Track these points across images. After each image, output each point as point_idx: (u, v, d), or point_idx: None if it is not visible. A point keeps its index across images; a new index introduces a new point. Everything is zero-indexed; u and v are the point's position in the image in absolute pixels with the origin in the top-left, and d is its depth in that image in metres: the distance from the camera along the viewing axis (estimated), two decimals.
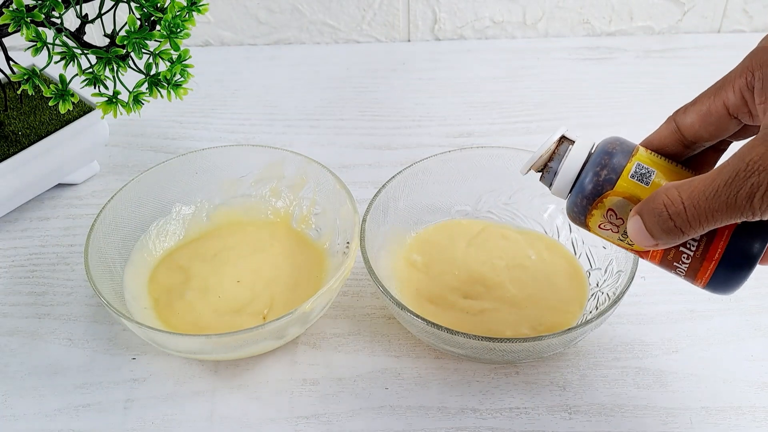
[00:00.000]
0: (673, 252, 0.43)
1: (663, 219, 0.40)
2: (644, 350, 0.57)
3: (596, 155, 0.44)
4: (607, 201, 0.43)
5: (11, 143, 0.65)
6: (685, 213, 0.40)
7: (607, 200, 0.43)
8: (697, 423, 0.53)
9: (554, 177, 0.45)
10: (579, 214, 0.45)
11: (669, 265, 0.44)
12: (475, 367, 0.56)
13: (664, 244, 0.41)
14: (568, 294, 0.59)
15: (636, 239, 0.42)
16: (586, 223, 0.45)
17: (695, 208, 0.39)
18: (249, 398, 0.55)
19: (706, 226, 0.40)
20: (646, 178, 0.43)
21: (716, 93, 0.43)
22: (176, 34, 0.57)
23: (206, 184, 0.65)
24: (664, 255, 0.44)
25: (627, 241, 0.44)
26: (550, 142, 0.46)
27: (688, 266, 0.43)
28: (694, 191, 0.39)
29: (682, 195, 0.40)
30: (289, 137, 0.78)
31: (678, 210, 0.40)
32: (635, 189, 0.43)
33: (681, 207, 0.40)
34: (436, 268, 0.61)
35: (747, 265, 0.42)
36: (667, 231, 0.40)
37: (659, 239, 0.41)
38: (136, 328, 0.52)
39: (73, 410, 0.54)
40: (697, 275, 0.43)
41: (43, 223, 0.68)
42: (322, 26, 0.91)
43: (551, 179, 0.46)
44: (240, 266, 0.61)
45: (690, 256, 0.43)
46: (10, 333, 0.59)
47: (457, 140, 0.77)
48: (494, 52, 0.90)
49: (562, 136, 0.46)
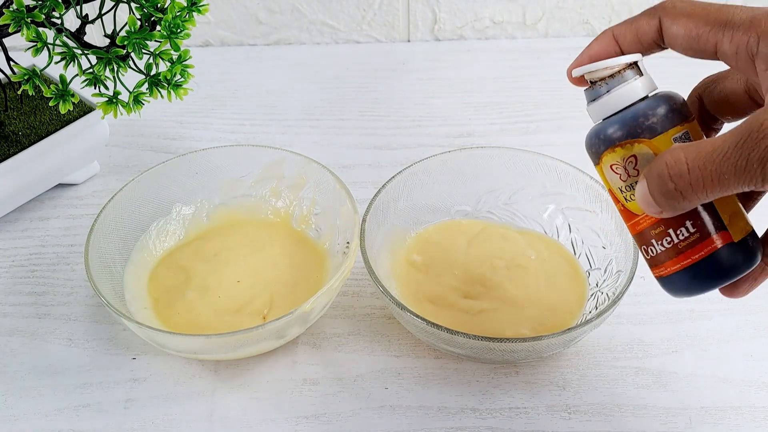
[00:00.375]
0: (660, 230, 0.41)
1: (663, 180, 0.38)
2: (644, 350, 0.57)
3: (656, 100, 0.41)
4: (637, 147, 0.41)
5: (11, 143, 0.65)
6: (688, 175, 0.37)
7: (637, 146, 0.41)
8: (697, 423, 0.53)
9: (603, 95, 0.42)
10: (602, 143, 0.42)
11: (644, 240, 0.42)
12: (475, 367, 0.56)
13: (668, 212, 0.39)
14: (568, 294, 0.59)
15: (641, 203, 0.39)
16: (601, 156, 0.42)
17: (700, 169, 0.36)
18: (249, 398, 0.55)
19: (710, 193, 0.37)
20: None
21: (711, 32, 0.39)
22: (176, 35, 0.57)
23: (206, 184, 0.65)
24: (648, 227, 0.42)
25: (626, 196, 0.42)
26: (622, 62, 0.42)
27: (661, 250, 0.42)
28: (700, 152, 0.37)
29: (687, 156, 0.37)
30: (289, 137, 0.78)
31: (680, 171, 0.37)
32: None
33: (684, 168, 0.37)
34: (436, 268, 0.61)
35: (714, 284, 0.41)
36: (665, 193, 0.38)
37: (662, 206, 0.39)
38: (136, 328, 0.52)
39: (73, 410, 0.54)
40: (664, 264, 0.42)
41: (43, 223, 0.68)
42: (322, 26, 0.91)
43: (598, 95, 0.42)
44: (240, 266, 0.61)
45: (671, 242, 0.41)
46: (10, 333, 0.59)
47: (457, 140, 0.77)
48: (494, 52, 0.90)
49: (634, 63, 0.42)
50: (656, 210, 0.39)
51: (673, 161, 0.37)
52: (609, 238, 0.59)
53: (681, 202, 0.38)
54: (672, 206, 0.38)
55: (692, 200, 0.38)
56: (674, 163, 0.37)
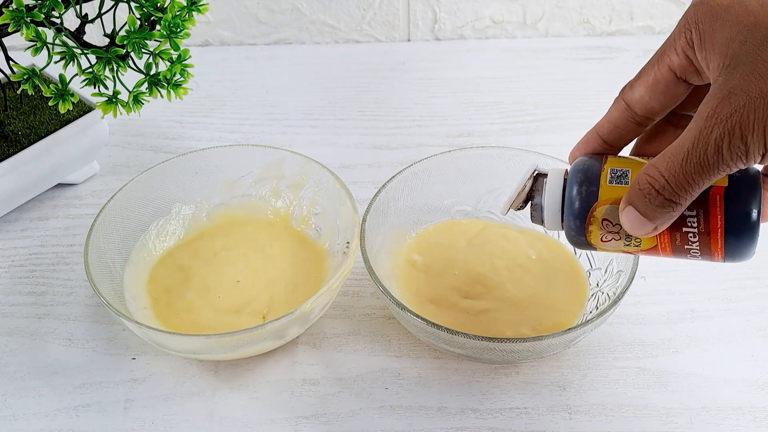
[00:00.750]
0: (679, 236, 0.43)
1: (652, 196, 0.40)
2: (644, 350, 0.57)
3: (571, 177, 0.45)
4: (598, 212, 0.44)
5: (11, 143, 0.65)
6: (668, 184, 0.40)
7: (597, 212, 0.44)
8: (697, 423, 0.53)
9: (543, 212, 0.47)
10: (578, 236, 0.46)
11: (682, 251, 0.44)
12: (475, 367, 0.56)
13: (662, 223, 0.41)
14: (568, 294, 0.59)
15: (634, 230, 0.42)
16: (589, 242, 0.46)
17: (675, 176, 0.39)
18: (249, 398, 0.55)
19: (692, 191, 0.40)
20: (624, 178, 0.44)
21: (659, 60, 0.43)
22: (176, 34, 0.57)
23: (206, 184, 0.65)
24: (671, 242, 0.44)
25: (633, 244, 0.45)
26: (525, 180, 0.48)
27: (698, 244, 0.43)
28: (669, 161, 0.39)
29: (660, 168, 0.40)
30: (289, 137, 0.78)
31: (662, 183, 0.40)
32: (618, 192, 0.44)
33: (663, 180, 0.40)
34: (436, 268, 0.61)
35: (751, 223, 0.42)
36: (660, 206, 0.40)
37: (656, 220, 0.41)
38: (136, 328, 0.52)
39: (73, 410, 0.54)
40: (712, 250, 0.43)
41: (43, 223, 0.68)
42: (322, 26, 0.91)
43: (541, 215, 0.47)
44: (240, 266, 0.61)
45: (696, 234, 0.43)
46: (10, 333, 0.59)
47: (457, 140, 0.77)
48: (494, 52, 0.90)
49: (536, 172, 0.48)
50: (650, 227, 0.42)
51: (652, 178, 0.40)
52: None
53: (674, 209, 0.40)
54: (668, 215, 0.41)
55: (681, 202, 0.40)
56: (654, 179, 0.40)
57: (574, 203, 0.45)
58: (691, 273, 0.63)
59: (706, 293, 0.62)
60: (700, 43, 0.40)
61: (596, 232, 0.45)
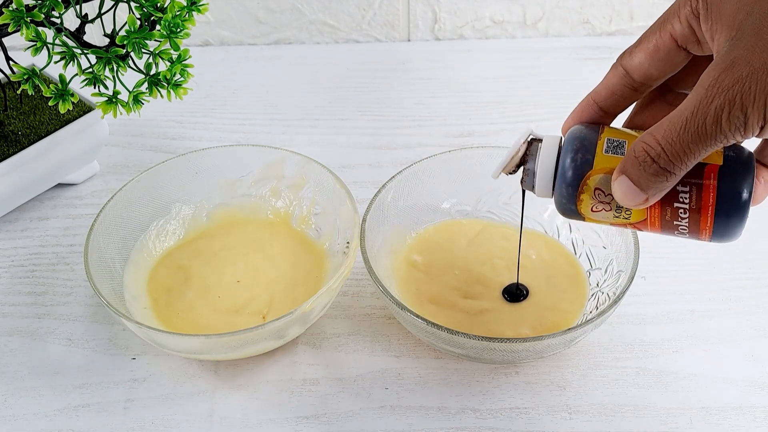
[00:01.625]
0: (669, 211, 0.43)
1: (647, 164, 0.40)
2: (644, 350, 0.57)
3: (567, 144, 0.45)
4: (591, 181, 0.44)
5: (11, 143, 0.65)
6: (664, 152, 0.39)
7: (590, 181, 0.44)
8: (697, 423, 0.53)
9: (534, 177, 0.47)
10: (569, 204, 0.45)
11: (670, 227, 0.44)
12: (475, 367, 0.56)
13: (654, 194, 0.41)
14: (568, 294, 0.59)
15: (626, 199, 0.42)
16: (579, 211, 0.45)
17: (671, 144, 0.39)
18: (249, 398, 0.55)
19: (688, 161, 0.39)
20: (620, 149, 0.44)
21: (662, 27, 0.43)
22: (176, 34, 0.57)
23: (206, 184, 0.65)
24: (661, 217, 0.44)
25: (623, 215, 0.45)
26: (519, 144, 0.47)
27: (688, 220, 0.43)
28: (666, 130, 0.39)
29: (657, 136, 0.40)
30: (289, 137, 0.78)
31: (658, 151, 0.40)
32: (613, 162, 0.43)
33: (659, 148, 0.40)
34: (436, 268, 0.61)
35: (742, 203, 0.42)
36: (654, 174, 0.40)
37: (648, 190, 0.41)
38: (136, 328, 0.52)
39: (73, 410, 0.54)
40: (701, 228, 0.43)
41: (43, 223, 0.68)
42: (322, 26, 0.91)
43: (532, 181, 0.47)
44: (240, 266, 0.61)
45: (686, 210, 0.43)
46: (10, 333, 0.59)
47: (457, 140, 0.77)
48: (494, 52, 0.90)
49: (530, 137, 0.47)
50: (642, 197, 0.41)
51: (648, 146, 0.40)
52: (609, 238, 0.59)
53: (668, 178, 0.40)
54: (660, 185, 0.41)
55: (675, 173, 0.40)
56: (650, 147, 0.40)
57: (568, 170, 0.44)
58: (691, 273, 0.63)
59: (706, 293, 0.62)
60: (706, 13, 0.40)
61: (587, 202, 0.45)
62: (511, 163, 0.48)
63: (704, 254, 0.65)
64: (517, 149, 0.47)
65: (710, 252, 0.65)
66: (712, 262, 0.64)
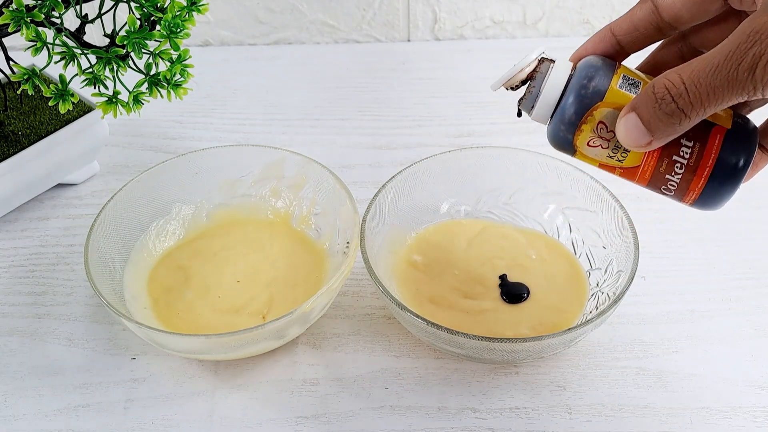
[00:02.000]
0: (666, 163, 0.42)
1: (665, 102, 0.39)
2: (644, 350, 0.57)
3: (581, 69, 0.44)
4: (597, 113, 0.42)
5: (11, 143, 0.65)
6: (686, 93, 0.38)
7: (597, 112, 0.42)
8: (697, 423, 0.53)
9: (537, 98, 0.44)
10: (567, 132, 0.43)
11: (660, 181, 0.43)
12: (475, 367, 0.56)
13: (660, 137, 0.40)
14: (568, 294, 0.59)
15: (628, 138, 0.40)
16: (573, 142, 0.44)
17: (696, 86, 0.38)
18: (249, 398, 0.55)
19: (709, 107, 0.38)
20: (635, 87, 0.42)
21: None
22: (176, 34, 0.57)
23: (206, 184, 0.65)
24: (656, 167, 0.43)
25: (617, 156, 0.43)
26: (529, 60, 0.44)
27: (680, 177, 0.42)
28: (694, 70, 0.38)
29: (683, 75, 0.38)
30: (289, 137, 0.78)
31: (680, 90, 0.38)
32: (625, 99, 0.42)
33: (683, 87, 0.38)
34: (436, 268, 0.61)
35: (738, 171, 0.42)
36: (668, 114, 0.39)
37: (656, 131, 0.40)
38: (136, 328, 0.52)
39: (73, 410, 0.54)
40: (690, 188, 0.42)
41: (43, 223, 0.68)
42: (322, 26, 0.91)
43: (533, 101, 0.45)
44: (240, 266, 0.61)
45: (683, 165, 0.42)
46: (10, 333, 0.59)
47: (457, 140, 0.77)
48: (494, 52, 0.90)
49: (542, 57, 0.45)
50: (646, 139, 0.40)
51: (671, 83, 0.38)
52: (609, 238, 0.59)
53: (682, 122, 0.39)
54: (670, 128, 0.39)
55: (692, 117, 0.39)
56: (672, 84, 0.38)
57: (578, 96, 0.43)
58: (691, 273, 0.63)
59: (706, 293, 0.62)
60: None
61: (586, 134, 0.43)
62: (517, 77, 0.45)
63: (704, 254, 0.65)
64: (528, 63, 0.44)
65: (710, 252, 0.65)
66: (712, 262, 0.64)
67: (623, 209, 0.57)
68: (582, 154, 0.44)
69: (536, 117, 0.45)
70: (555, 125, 0.44)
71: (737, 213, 0.68)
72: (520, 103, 0.45)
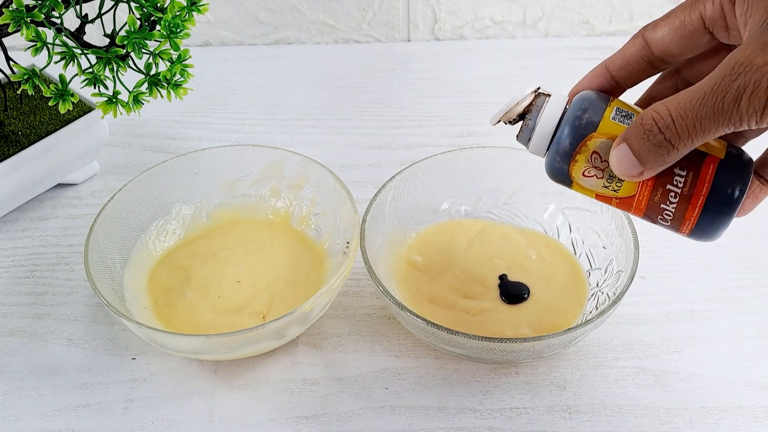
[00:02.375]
0: (661, 192, 0.43)
1: (653, 133, 0.39)
2: (644, 350, 0.57)
3: (575, 102, 0.45)
4: (591, 143, 0.43)
5: (11, 143, 0.65)
6: (674, 125, 0.39)
7: (590, 143, 0.43)
8: (697, 423, 0.53)
9: (533, 131, 0.45)
10: (562, 163, 0.44)
11: (655, 210, 0.44)
12: (475, 367, 0.56)
13: (651, 168, 0.41)
14: (568, 294, 0.59)
15: (621, 168, 0.41)
16: (569, 173, 0.44)
17: (683, 118, 0.38)
18: (249, 398, 0.55)
19: (696, 138, 0.39)
20: (628, 119, 0.43)
21: (693, 6, 0.42)
22: (176, 34, 0.57)
23: (206, 184, 0.65)
24: (650, 196, 0.43)
25: (612, 187, 0.44)
26: (525, 94, 0.46)
27: (675, 206, 0.43)
28: (680, 102, 0.39)
29: (670, 107, 0.39)
30: (289, 137, 0.78)
31: (667, 122, 0.39)
32: (617, 129, 0.43)
33: (669, 119, 0.39)
34: (436, 268, 0.61)
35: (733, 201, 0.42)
36: (657, 146, 0.39)
37: (647, 162, 0.40)
38: (136, 328, 0.52)
39: (73, 410, 0.54)
40: (685, 217, 0.43)
41: (43, 223, 0.68)
42: (322, 26, 0.91)
43: (529, 134, 0.46)
44: (240, 266, 0.61)
45: (677, 195, 0.42)
46: (10, 333, 0.59)
47: (457, 140, 0.77)
48: (494, 52, 0.90)
49: (538, 91, 0.46)
50: (638, 170, 0.41)
51: (658, 115, 0.39)
52: (609, 238, 0.59)
53: (671, 153, 0.40)
54: (659, 159, 0.40)
55: (680, 148, 0.39)
56: (660, 117, 0.39)
57: (572, 127, 0.44)
58: (691, 273, 0.63)
59: (706, 293, 0.62)
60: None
61: (581, 164, 0.44)
62: (513, 111, 0.46)
63: (704, 254, 0.65)
64: (523, 98, 0.46)
65: (710, 252, 0.65)
66: (712, 262, 0.64)
67: None
68: (579, 185, 0.45)
69: (533, 149, 0.46)
70: (551, 157, 0.45)
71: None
72: (518, 137, 0.47)
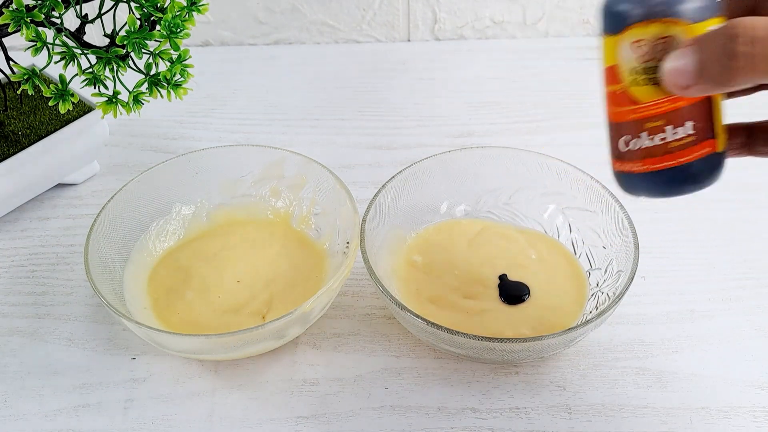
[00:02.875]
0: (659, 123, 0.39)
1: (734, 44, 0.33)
2: (644, 350, 0.57)
3: None
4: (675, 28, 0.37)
5: (11, 143, 0.65)
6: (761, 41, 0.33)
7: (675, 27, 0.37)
8: (697, 423, 0.53)
9: None
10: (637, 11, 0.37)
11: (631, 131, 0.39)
12: (475, 367, 0.56)
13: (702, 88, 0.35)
14: (568, 294, 0.59)
15: (673, 75, 0.36)
16: (628, 25, 0.38)
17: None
18: (249, 398, 0.55)
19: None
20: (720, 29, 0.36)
21: None
22: (176, 34, 0.57)
23: (206, 184, 0.65)
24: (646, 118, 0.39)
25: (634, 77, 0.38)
26: None
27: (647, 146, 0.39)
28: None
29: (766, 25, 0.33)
30: (289, 137, 0.78)
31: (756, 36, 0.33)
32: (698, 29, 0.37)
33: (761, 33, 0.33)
34: (436, 268, 0.61)
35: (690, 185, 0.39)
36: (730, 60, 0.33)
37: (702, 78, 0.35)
38: (136, 328, 0.52)
39: (73, 410, 0.54)
40: (643, 160, 0.40)
41: (43, 223, 0.68)
42: (322, 26, 0.91)
43: None
44: (240, 266, 0.61)
45: (664, 140, 0.39)
46: (10, 333, 0.59)
47: (457, 140, 0.77)
48: (494, 52, 0.90)
49: None
50: (685, 81, 0.36)
51: (750, 26, 0.33)
52: (609, 238, 0.59)
53: (737, 76, 0.34)
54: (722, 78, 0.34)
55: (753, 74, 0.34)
56: (752, 28, 0.33)
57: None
58: (691, 273, 0.63)
59: (706, 293, 0.62)
60: None
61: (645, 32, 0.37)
62: None
63: (704, 254, 0.65)
64: None
65: (710, 252, 0.65)
66: (712, 262, 0.64)
67: (623, 209, 0.57)
68: (615, 43, 0.39)
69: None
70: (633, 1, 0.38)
71: (737, 213, 0.68)
72: None
